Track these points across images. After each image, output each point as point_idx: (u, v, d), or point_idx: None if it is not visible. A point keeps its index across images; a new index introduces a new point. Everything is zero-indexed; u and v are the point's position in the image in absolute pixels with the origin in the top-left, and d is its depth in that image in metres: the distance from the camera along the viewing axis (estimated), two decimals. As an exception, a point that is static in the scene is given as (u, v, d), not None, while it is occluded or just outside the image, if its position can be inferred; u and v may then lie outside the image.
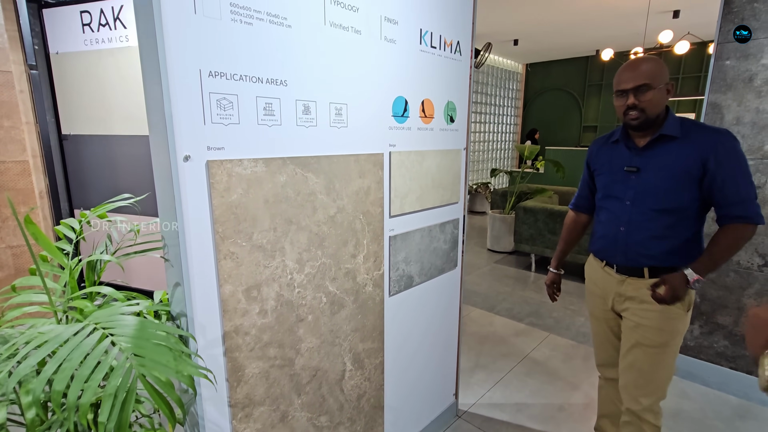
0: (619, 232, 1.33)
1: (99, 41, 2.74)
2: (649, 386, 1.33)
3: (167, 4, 0.80)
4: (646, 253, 1.28)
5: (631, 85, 1.21)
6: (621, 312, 1.40)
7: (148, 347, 0.60)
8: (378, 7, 1.22)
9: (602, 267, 1.42)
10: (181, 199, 0.87)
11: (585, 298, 1.58)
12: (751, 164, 2.04)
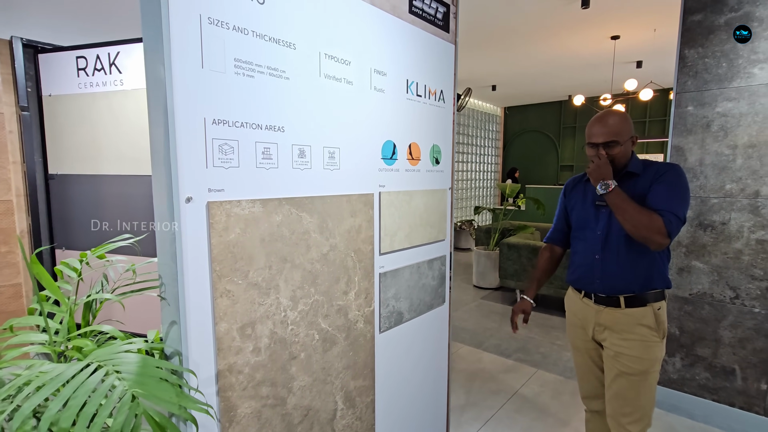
0: (594, 260, 1.42)
1: (93, 85, 2.82)
2: (635, 413, 1.37)
3: (177, 60, 0.87)
4: (620, 279, 1.37)
5: (601, 140, 1.34)
6: (601, 341, 1.45)
7: (151, 384, 0.62)
8: (368, 60, 1.33)
9: (581, 298, 1.49)
10: (181, 238, 0.91)
11: (566, 330, 1.63)
12: (714, 202, 2.18)
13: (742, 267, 2.13)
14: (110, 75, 2.78)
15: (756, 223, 2.08)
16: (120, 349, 0.69)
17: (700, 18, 2.17)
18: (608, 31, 4.49)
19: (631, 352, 1.36)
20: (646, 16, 4.04)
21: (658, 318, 1.37)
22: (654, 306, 1.37)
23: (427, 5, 1.55)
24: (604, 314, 1.41)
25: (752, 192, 2.08)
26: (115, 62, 2.75)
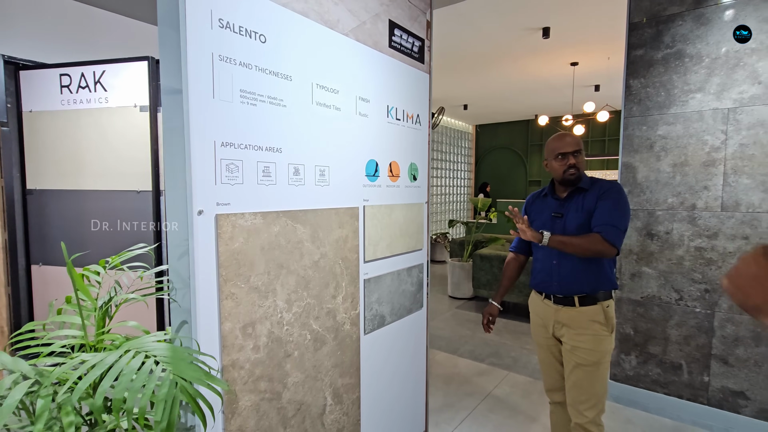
0: (552, 265, 1.62)
1: (77, 101, 2.87)
2: (591, 400, 1.57)
3: (193, 91, 1.00)
4: (574, 282, 1.57)
5: (571, 150, 1.58)
6: (560, 337, 1.65)
7: (182, 365, 0.73)
8: (354, 89, 1.50)
9: (542, 300, 1.69)
10: (194, 246, 1.03)
11: (531, 329, 1.81)
12: (659, 214, 2.46)
13: (684, 272, 2.40)
14: (95, 93, 2.84)
15: (694, 233, 2.36)
16: (148, 340, 0.80)
17: (642, 53, 2.47)
18: (567, 59, 4.88)
19: (585, 345, 1.56)
20: (600, 46, 4.44)
21: (607, 314, 1.57)
22: (603, 304, 1.57)
23: (404, 40, 1.74)
24: (561, 313, 1.61)
25: (690, 205, 2.36)
26: (100, 80, 2.82)
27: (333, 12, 1.39)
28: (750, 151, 2.19)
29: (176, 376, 0.70)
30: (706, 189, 2.31)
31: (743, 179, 2.21)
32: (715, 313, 2.32)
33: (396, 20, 1.69)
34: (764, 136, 2.16)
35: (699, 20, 2.30)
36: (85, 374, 0.69)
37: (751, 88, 2.18)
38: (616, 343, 2.65)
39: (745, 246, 2.22)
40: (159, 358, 0.72)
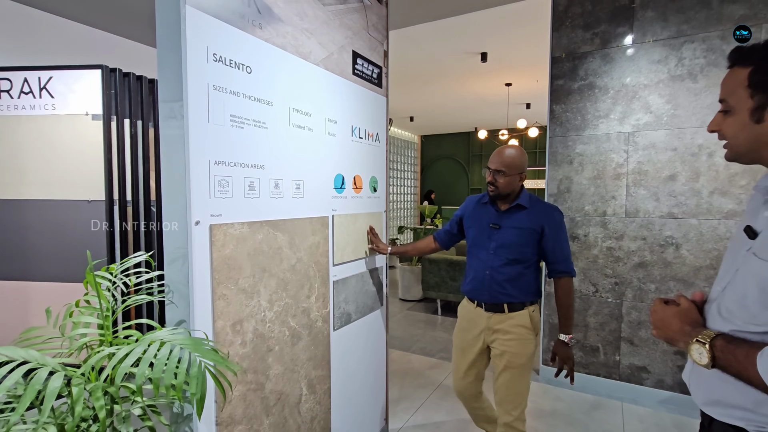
0: (485, 275, 1.73)
1: (18, 107, 2.75)
2: (516, 399, 1.71)
3: (192, 116, 1.15)
4: (504, 292, 1.70)
5: (493, 167, 1.70)
6: (490, 343, 1.76)
7: (203, 351, 0.87)
8: (324, 111, 1.69)
9: (474, 308, 1.79)
10: (192, 253, 1.16)
11: (454, 333, 1.91)
12: (579, 219, 2.89)
13: (598, 268, 2.84)
14: (40, 99, 2.75)
15: (605, 235, 2.81)
16: (165, 333, 0.93)
17: (562, 83, 2.91)
18: (503, 79, 5.41)
19: (513, 349, 1.68)
20: (530, 70, 4.99)
21: (533, 319, 1.72)
22: (529, 309, 1.71)
23: (365, 68, 1.97)
24: (493, 319, 1.72)
25: (602, 212, 2.82)
26: (46, 87, 2.73)
27: (306, 45, 1.58)
28: (645, 168, 2.68)
29: (201, 359, 0.85)
30: (614, 198, 2.78)
31: (641, 190, 2.70)
32: (623, 302, 2.78)
33: (358, 51, 1.91)
34: (655, 156, 2.65)
35: (605, 58, 2.78)
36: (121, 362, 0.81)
37: (644, 116, 2.68)
38: (546, 332, 3.04)
39: (644, 245, 2.70)
40: (183, 346, 0.86)
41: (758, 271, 0.76)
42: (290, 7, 1.49)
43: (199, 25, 1.15)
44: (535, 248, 1.71)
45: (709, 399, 0.85)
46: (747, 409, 0.78)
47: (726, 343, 0.77)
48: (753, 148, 0.81)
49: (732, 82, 0.81)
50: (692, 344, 0.80)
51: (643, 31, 2.66)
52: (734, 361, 0.75)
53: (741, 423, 0.79)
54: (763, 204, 0.82)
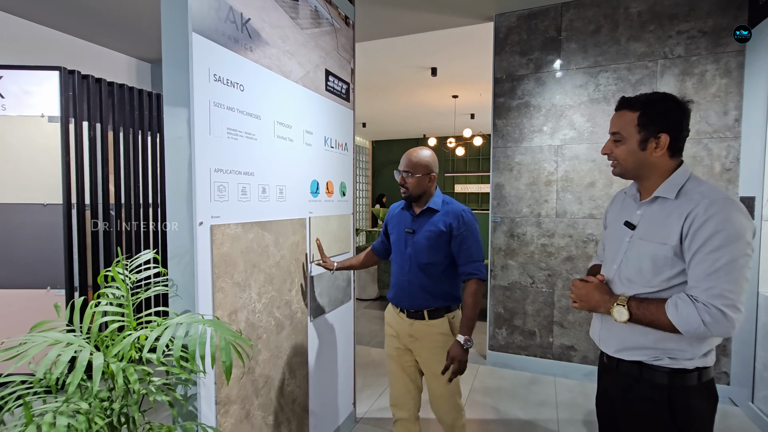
0: (404, 281, 1.70)
1: (-38, 107, 2.62)
2: (454, 406, 1.70)
3: (197, 130, 1.30)
4: (423, 297, 1.65)
5: (401, 168, 1.66)
6: (413, 350, 1.72)
7: (222, 329, 1.04)
8: (302, 124, 1.88)
9: (397, 313, 1.75)
10: (197, 250, 1.31)
11: (385, 341, 1.86)
12: (518, 220, 3.30)
13: (534, 262, 3.27)
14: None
15: (540, 233, 3.24)
16: (184, 317, 1.08)
17: (503, 101, 3.32)
18: (450, 92, 5.84)
19: (434, 356, 1.64)
20: (474, 85, 5.46)
21: (453, 326, 1.67)
22: (449, 316, 1.67)
23: (336, 84, 2.19)
24: (414, 326, 1.68)
25: (536, 213, 3.25)
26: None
27: (288, 65, 1.77)
28: (571, 176, 3.15)
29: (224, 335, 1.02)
30: (546, 202, 3.22)
31: (568, 195, 3.16)
32: (555, 291, 3.22)
33: (330, 69, 2.12)
34: (578, 166, 3.12)
35: (538, 81, 3.22)
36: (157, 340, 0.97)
37: (570, 132, 3.14)
38: (492, 319, 3.42)
39: (570, 241, 3.15)
40: (208, 326, 1.03)
41: (647, 249, 1.08)
42: (275, 31, 1.67)
43: (203, 50, 1.31)
44: (447, 251, 1.65)
45: (620, 347, 1.14)
46: (647, 347, 1.08)
47: (638, 302, 1.06)
48: (636, 168, 1.13)
49: (623, 121, 1.12)
50: (614, 307, 1.08)
51: (568, 59, 3.13)
52: (648, 314, 1.04)
53: (641, 358, 1.09)
54: (636, 206, 1.17)
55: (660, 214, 1.09)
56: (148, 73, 4.54)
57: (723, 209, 0.98)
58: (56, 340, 0.92)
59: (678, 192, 1.08)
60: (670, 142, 1.07)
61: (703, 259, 0.98)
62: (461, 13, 3.31)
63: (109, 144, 2.96)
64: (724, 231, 0.96)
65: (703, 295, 0.97)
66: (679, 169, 1.10)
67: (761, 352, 2.52)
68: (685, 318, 0.98)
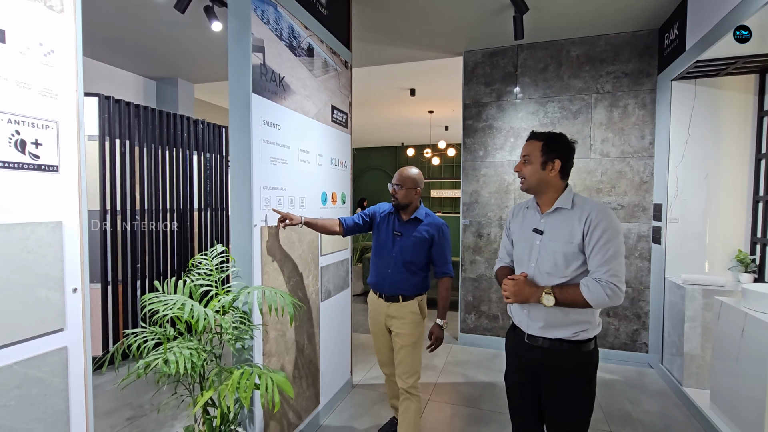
0: (387, 273, 2.08)
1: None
2: (411, 370, 2.06)
3: (254, 159, 1.86)
4: (400, 286, 2.06)
5: (394, 182, 2.07)
6: (389, 327, 2.12)
7: (284, 294, 1.60)
8: (316, 149, 2.46)
9: (377, 298, 2.15)
10: (252, 245, 1.86)
11: (369, 321, 2.24)
12: (484, 222, 3.96)
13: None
14: (34, 120, 3.06)
15: (501, 233, 3.91)
16: (252, 287, 1.63)
17: (471, 123, 3.98)
18: (427, 108, 6.50)
19: (405, 330, 2.05)
20: (448, 102, 6.14)
21: (421, 306, 2.09)
22: (418, 299, 2.09)
23: (338, 116, 2.77)
24: (391, 308, 2.08)
25: (498, 217, 3.92)
26: (40, 109, 3.07)
27: (306, 105, 2.34)
28: (526, 186, 3.83)
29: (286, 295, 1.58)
30: (506, 207, 3.89)
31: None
32: (513, 281, 3.89)
33: (335, 104, 2.71)
34: (532, 178, 3.81)
35: (500, 107, 3.90)
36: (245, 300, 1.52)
37: (525, 150, 3.83)
38: (462, 307, 4.06)
39: (526, 240, 3.83)
40: (276, 291, 1.60)
41: (558, 248, 1.39)
42: (299, 82, 2.25)
43: (257, 104, 1.88)
44: (426, 254, 2.08)
45: (545, 325, 1.41)
46: (566, 326, 1.38)
47: (560, 289, 1.35)
48: (538, 185, 1.45)
49: (531, 147, 1.46)
50: (543, 296, 1.35)
51: (523, 90, 3.83)
52: (568, 296, 1.32)
53: (562, 335, 1.38)
54: (539, 216, 1.48)
55: (561, 220, 1.41)
56: (153, 90, 4.97)
57: (606, 215, 1.35)
58: (180, 300, 1.47)
59: (572, 203, 1.41)
60: (561, 167, 1.42)
61: (599, 250, 1.33)
62: (437, 49, 3.96)
63: (136, 158, 3.42)
64: (609, 230, 1.33)
65: (604, 277, 1.30)
66: (567, 188, 1.45)
67: (668, 324, 3.26)
68: (596, 295, 1.30)
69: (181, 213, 3.84)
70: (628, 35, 3.53)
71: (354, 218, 2.23)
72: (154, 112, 3.57)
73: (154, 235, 3.59)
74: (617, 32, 3.55)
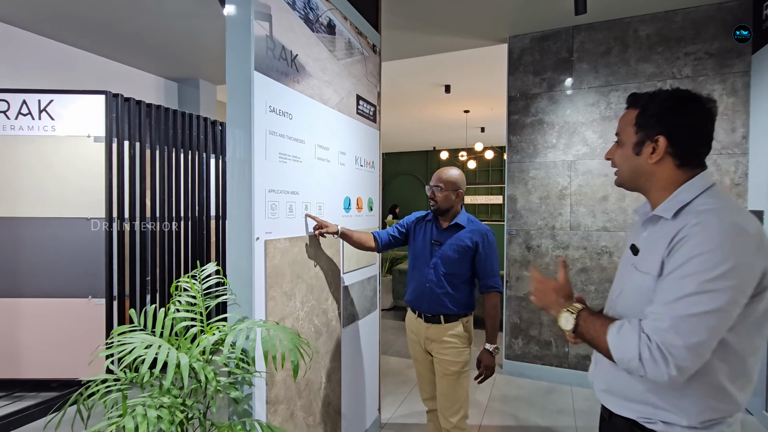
0: (425, 288, 1.83)
1: (15, 128, 2.83)
2: (454, 406, 1.80)
3: (256, 155, 1.46)
4: (442, 304, 1.80)
5: (433, 184, 1.84)
6: (430, 351, 1.88)
7: (287, 332, 1.18)
8: (337, 146, 2.04)
9: (415, 318, 1.91)
10: (254, 263, 1.46)
11: (408, 345, 2.01)
12: (533, 233, 3.42)
13: (549, 273, 3.38)
14: (39, 121, 2.85)
15: (554, 245, 3.36)
16: (248, 323, 1.23)
17: (517, 118, 3.47)
18: (462, 107, 6.02)
19: (448, 356, 1.80)
20: (485, 100, 5.63)
21: (467, 328, 1.83)
22: (463, 320, 1.83)
23: (365, 108, 2.35)
24: (431, 330, 1.84)
25: (551, 226, 3.37)
26: (46, 109, 2.85)
27: (326, 93, 1.94)
28: (584, 190, 3.27)
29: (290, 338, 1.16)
30: (561, 215, 3.34)
31: (581, 208, 3.28)
32: (569, 301, 3.32)
33: (361, 94, 2.29)
34: (591, 180, 3.25)
35: (551, 100, 3.37)
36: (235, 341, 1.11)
37: (583, 148, 3.28)
38: (508, 329, 3.53)
39: (584, 253, 3.27)
40: (275, 330, 1.18)
41: (638, 281, 0.89)
42: (317, 64, 1.85)
43: (261, 85, 1.48)
44: (470, 265, 1.82)
45: (607, 388, 0.96)
46: (635, 400, 0.89)
47: (588, 314, 0.90)
48: (632, 177, 0.95)
49: (625, 120, 0.95)
50: (562, 312, 0.93)
51: (580, 79, 3.28)
52: (591, 329, 0.87)
53: (633, 415, 0.90)
54: (641, 226, 0.98)
55: (659, 236, 0.88)
56: (175, 92, 4.77)
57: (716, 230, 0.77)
58: (147, 342, 1.07)
59: (679, 210, 0.86)
60: (672, 149, 0.88)
61: (672, 281, 0.79)
62: (477, 36, 3.49)
63: (147, 161, 3.15)
64: (707, 254, 0.75)
65: (653, 326, 0.78)
66: (690, 182, 0.88)
67: (773, 361, 2.60)
68: (622, 343, 0.81)
69: (196, 221, 3.54)
70: (713, 8, 2.93)
71: (389, 231, 2.02)
72: (168, 111, 3.30)
73: (166, 245, 3.30)
74: (698, 5, 2.96)
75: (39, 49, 3.49)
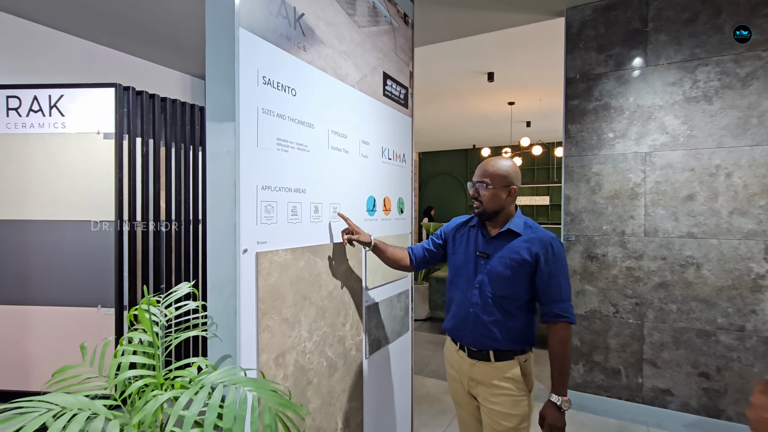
0: (468, 313, 1.41)
1: (27, 126, 2.68)
2: None
3: (243, 140, 1.10)
4: (490, 335, 1.37)
5: (476, 179, 1.40)
6: (476, 396, 1.44)
7: (267, 394, 0.81)
8: (358, 133, 1.66)
9: (456, 350, 1.49)
10: (239, 283, 1.10)
11: (448, 384, 1.60)
12: (596, 239, 2.88)
13: (618, 288, 2.82)
14: (50, 117, 2.68)
15: (624, 255, 2.79)
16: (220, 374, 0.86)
17: (577, 103, 2.94)
18: (506, 99, 5.47)
19: (499, 407, 1.37)
20: (533, 90, 5.06)
21: (524, 370, 1.38)
22: (520, 359, 1.38)
23: (394, 89, 1.95)
24: (476, 368, 1.41)
25: (620, 231, 2.81)
26: (56, 105, 2.67)
27: (343, 67, 1.55)
28: (663, 188, 2.69)
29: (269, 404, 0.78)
30: (632, 218, 2.77)
31: (659, 210, 2.70)
32: (645, 323, 2.75)
33: (388, 72, 1.89)
34: (672, 176, 2.66)
35: (620, 80, 2.81)
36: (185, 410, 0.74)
37: (661, 137, 2.70)
38: (566, 353, 2.98)
39: (663, 265, 2.68)
40: (249, 389, 0.80)
41: None
42: (330, 29, 1.47)
43: (251, 48, 1.12)
44: (528, 285, 1.37)
45: None
46: None
47: None
48: None
49: None
50: None
51: (656, 53, 2.71)
52: None
53: None
54: None
55: None
56: (202, 89, 4.59)
57: None
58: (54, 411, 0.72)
59: None
60: None
61: None
62: (528, 9, 3.00)
63: (161, 160, 2.92)
64: None
65: None
66: None
67: None
68: None
69: (216, 224, 3.27)
70: (842, -47, 2.28)
71: (423, 246, 1.63)
72: (184, 106, 3.06)
73: (182, 250, 3.05)
74: (821, -49, 2.31)
75: (62, 46, 3.37)
